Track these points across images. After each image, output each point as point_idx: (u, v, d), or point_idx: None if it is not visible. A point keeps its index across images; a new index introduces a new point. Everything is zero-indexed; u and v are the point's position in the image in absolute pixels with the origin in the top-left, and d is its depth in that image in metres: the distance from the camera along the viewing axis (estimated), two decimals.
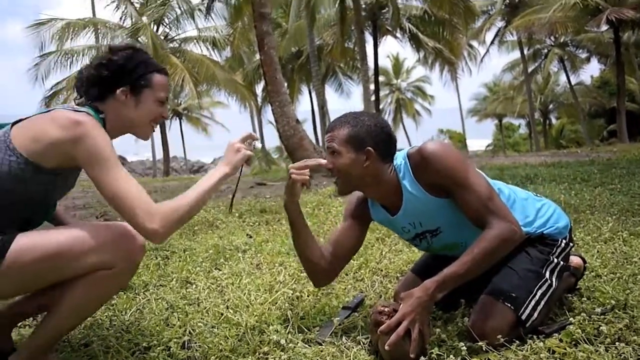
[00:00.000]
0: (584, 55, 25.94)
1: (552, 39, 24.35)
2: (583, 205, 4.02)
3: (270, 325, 1.91)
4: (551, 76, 30.21)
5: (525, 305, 1.74)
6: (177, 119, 30.60)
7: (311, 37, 18.02)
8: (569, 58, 26.10)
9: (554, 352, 1.61)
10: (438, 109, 39.22)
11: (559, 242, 1.93)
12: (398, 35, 20.01)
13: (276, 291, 2.34)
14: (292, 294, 2.30)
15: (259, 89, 25.24)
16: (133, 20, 17.45)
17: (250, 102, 22.03)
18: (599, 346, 1.61)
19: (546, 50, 26.76)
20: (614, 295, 2.00)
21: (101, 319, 2.12)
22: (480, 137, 41.64)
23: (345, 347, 1.75)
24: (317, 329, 1.92)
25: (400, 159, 1.85)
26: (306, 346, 1.76)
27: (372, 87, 18.02)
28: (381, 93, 30.48)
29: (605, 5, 17.26)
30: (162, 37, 18.23)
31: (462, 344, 1.63)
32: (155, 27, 18.09)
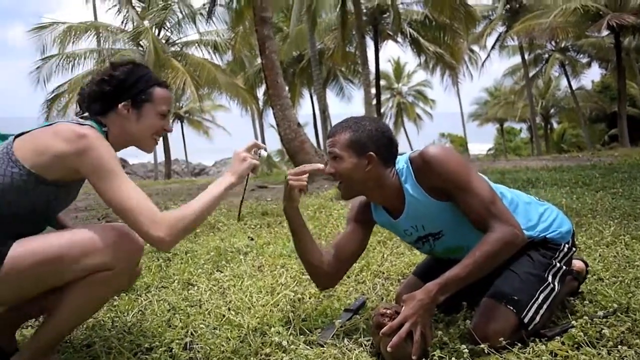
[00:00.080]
0: (584, 60, 25.97)
1: (553, 44, 24.39)
2: (585, 209, 4.02)
3: (272, 327, 1.91)
4: (552, 81, 30.25)
5: (527, 309, 1.74)
6: (179, 122, 30.63)
7: (312, 41, 18.05)
8: (569, 63, 26.13)
9: (556, 355, 1.61)
10: (439, 113, 39.25)
11: (562, 246, 1.93)
12: (399, 39, 20.06)
13: (278, 293, 2.34)
14: (294, 296, 2.30)
15: (260, 92, 25.29)
16: (135, 24, 17.46)
17: (251, 105, 22.00)
18: (601, 349, 1.61)
19: (547, 55, 26.79)
20: (616, 299, 2.00)
21: (103, 320, 2.12)
22: (481, 141, 41.66)
23: (347, 349, 1.75)
24: (319, 331, 1.92)
25: (402, 162, 1.86)
26: (308, 348, 1.76)
27: (373, 91, 18.06)
28: (382, 97, 30.51)
29: (606, 11, 17.30)
30: (163, 41, 18.26)
31: (464, 346, 1.63)
32: (157, 30, 18.12)
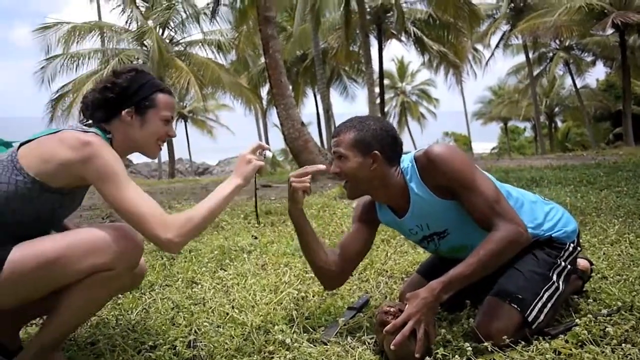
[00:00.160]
0: (589, 59, 25.88)
1: (558, 42, 24.32)
2: (589, 208, 4.01)
3: (276, 325, 1.92)
4: (556, 79, 30.13)
5: (531, 307, 1.74)
6: (183, 121, 30.68)
7: (316, 41, 18.05)
8: (574, 61, 26.04)
9: (559, 353, 1.61)
10: (443, 112, 39.16)
11: (567, 245, 1.92)
12: (403, 38, 20.02)
13: (281, 291, 2.34)
14: (297, 294, 2.31)
15: (264, 92, 25.33)
16: (139, 24, 17.52)
17: (255, 105, 22.06)
18: (605, 347, 1.61)
19: (551, 54, 26.69)
20: (620, 297, 1.99)
21: (107, 318, 2.13)
22: (485, 140, 41.57)
23: (350, 346, 1.76)
24: (322, 329, 1.93)
25: (407, 161, 1.86)
26: (311, 346, 1.77)
27: (377, 90, 18.03)
28: (386, 96, 30.55)
29: (611, 9, 17.24)
30: (167, 41, 18.32)
31: (468, 344, 1.63)
32: (161, 30, 18.17)
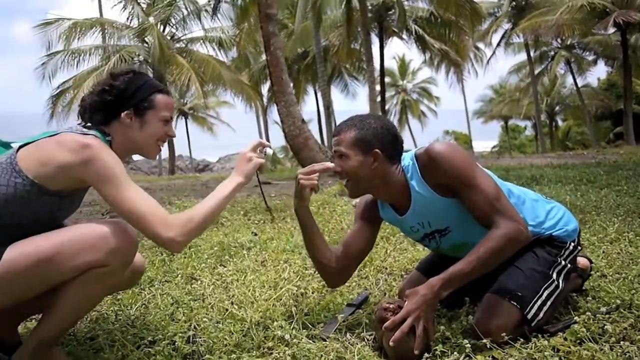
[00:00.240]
0: (590, 58, 25.85)
1: (559, 41, 24.27)
2: (589, 207, 4.01)
3: (275, 321, 1.92)
4: (558, 78, 30.09)
5: (531, 305, 1.74)
6: (183, 118, 30.69)
7: (317, 38, 18.05)
8: (575, 60, 26.01)
9: (558, 351, 1.61)
10: (444, 111, 39.12)
11: (568, 244, 1.93)
12: (404, 36, 20.00)
13: (281, 288, 2.34)
14: (297, 290, 2.31)
15: (264, 89, 25.33)
16: (140, 21, 17.52)
17: (256, 102, 22.05)
18: (604, 345, 1.61)
19: (553, 53, 26.66)
20: (619, 295, 2.00)
21: (107, 313, 2.14)
22: (485, 139, 41.53)
23: (349, 343, 1.76)
24: (322, 325, 1.93)
25: (408, 159, 1.86)
26: (310, 342, 1.77)
27: (378, 88, 18.04)
28: (387, 94, 30.52)
29: (613, 8, 17.21)
30: (168, 38, 18.30)
31: (467, 341, 1.63)
32: (162, 27, 18.15)
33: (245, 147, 1.78)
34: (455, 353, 1.60)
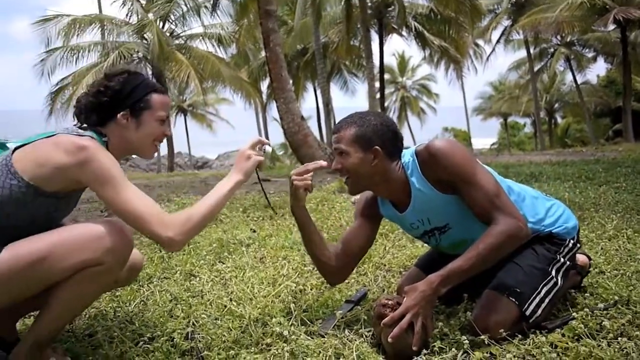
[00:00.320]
0: (590, 55, 25.82)
1: (559, 38, 24.25)
2: (587, 203, 4.01)
3: (273, 317, 1.92)
4: (557, 75, 30.08)
5: (529, 301, 1.75)
6: (182, 115, 30.66)
7: (317, 35, 18.00)
8: (575, 57, 25.98)
9: (556, 347, 1.61)
10: (443, 107, 39.06)
11: (567, 242, 1.93)
12: (404, 33, 19.95)
13: (279, 284, 2.35)
14: (295, 287, 2.31)
15: (264, 86, 25.29)
16: (139, 17, 17.45)
17: (255, 99, 22.02)
18: (602, 341, 1.61)
19: (552, 50, 26.63)
20: (617, 292, 2.00)
21: (106, 309, 2.14)
22: (485, 136, 41.53)
23: (347, 339, 1.76)
24: (320, 321, 1.93)
25: (408, 156, 1.86)
26: (309, 338, 1.77)
27: (377, 85, 18.00)
28: (386, 91, 30.50)
29: (613, 5, 17.18)
30: (168, 34, 18.25)
31: (465, 337, 1.63)
32: (161, 23, 18.10)
33: (244, 144, 1.78)
34: (454, 349, 1.60)
